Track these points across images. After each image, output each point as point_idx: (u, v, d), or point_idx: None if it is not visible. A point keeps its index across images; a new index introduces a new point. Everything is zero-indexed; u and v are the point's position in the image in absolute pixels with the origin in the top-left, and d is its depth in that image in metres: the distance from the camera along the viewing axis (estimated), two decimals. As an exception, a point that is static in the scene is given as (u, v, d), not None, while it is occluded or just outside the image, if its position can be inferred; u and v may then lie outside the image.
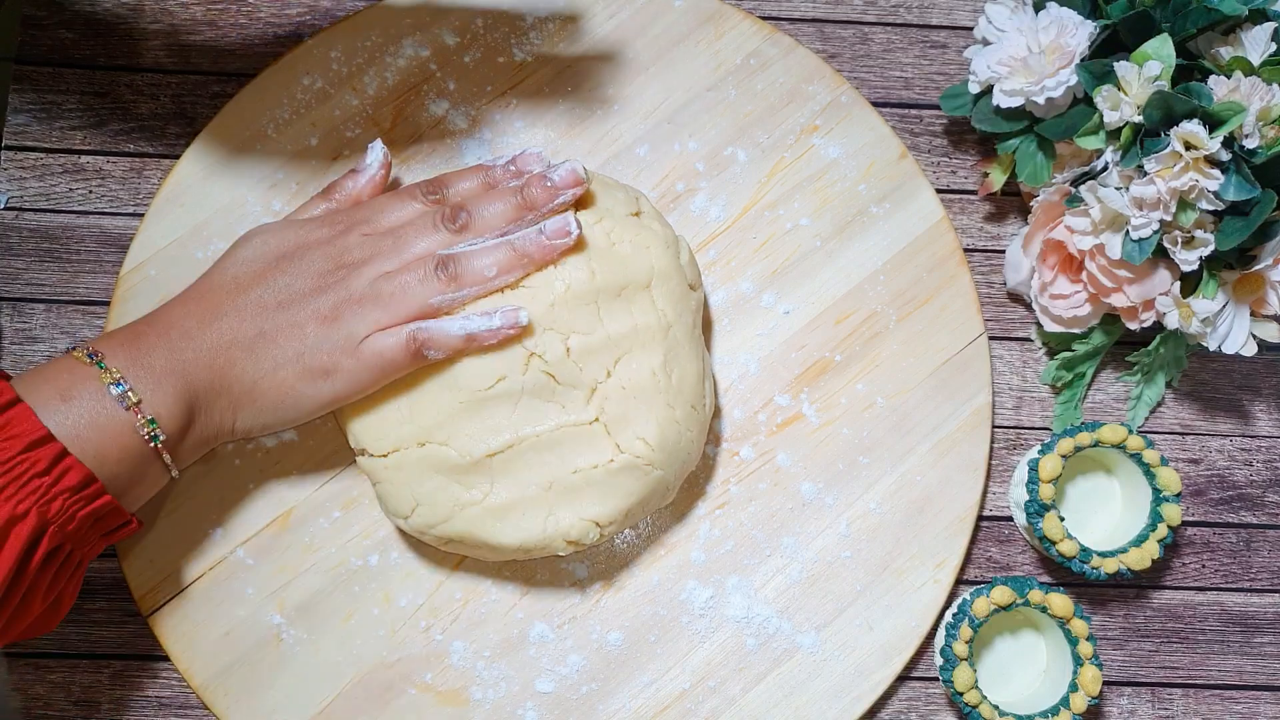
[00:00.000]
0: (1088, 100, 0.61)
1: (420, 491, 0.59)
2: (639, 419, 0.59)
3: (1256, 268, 0.60)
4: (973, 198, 0.69)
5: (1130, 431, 0.62)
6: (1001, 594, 0.60)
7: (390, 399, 0.59)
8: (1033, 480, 0.61)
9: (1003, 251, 0.69)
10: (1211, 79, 0.58)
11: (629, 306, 0.60)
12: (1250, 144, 0.58)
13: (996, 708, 0.60)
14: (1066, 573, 0.66)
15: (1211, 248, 0.59)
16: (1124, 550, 0.62)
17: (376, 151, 0.61)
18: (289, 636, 0.62)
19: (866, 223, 0.67)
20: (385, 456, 0.59)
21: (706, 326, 0.66)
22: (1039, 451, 0.63)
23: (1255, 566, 0.67)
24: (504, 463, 0.59)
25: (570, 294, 0.59)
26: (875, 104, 0.68)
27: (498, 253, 0.58)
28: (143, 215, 0.66)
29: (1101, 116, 0.60)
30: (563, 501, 0.59)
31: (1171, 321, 0.61)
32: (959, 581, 0.65)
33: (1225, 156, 0.57)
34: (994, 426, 0.67)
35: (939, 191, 0.68)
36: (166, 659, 0.63)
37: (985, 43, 0.64)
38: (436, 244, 0.58)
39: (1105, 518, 0.65)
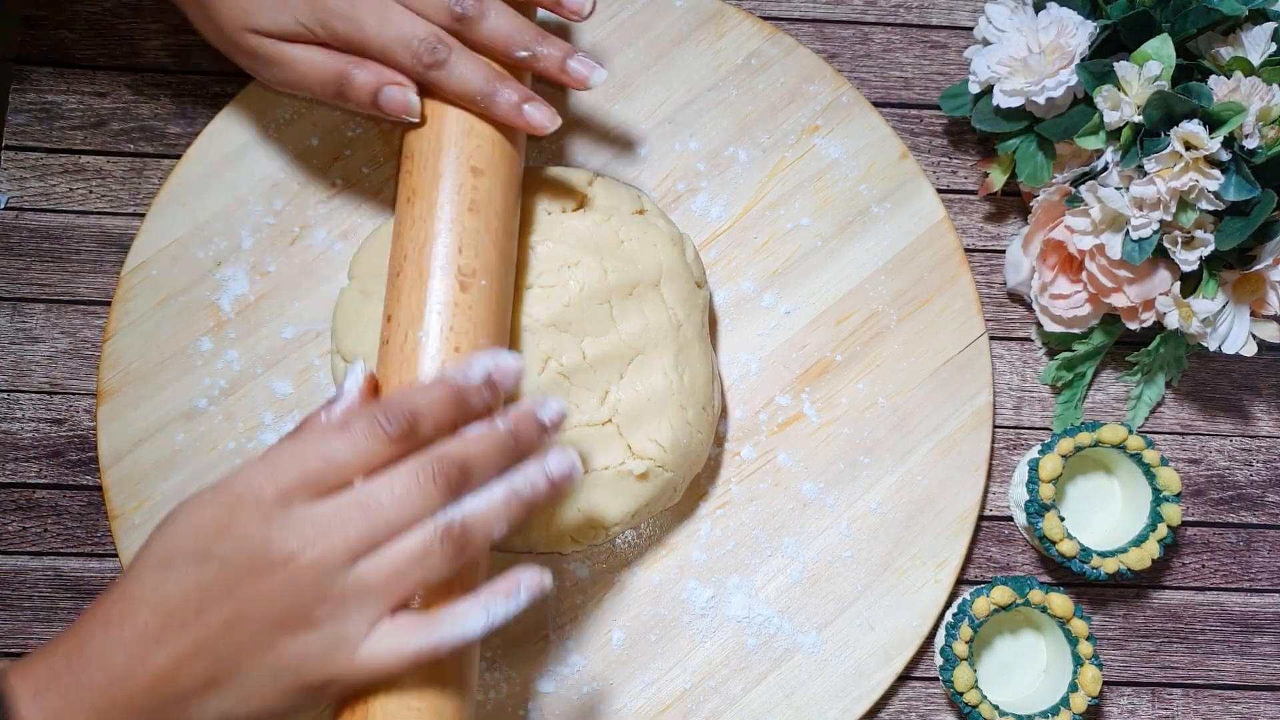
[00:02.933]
0: (1088, 100, 0.61)
1: None
2: (651, 421, 0.59)
3: (1256, 268, 0.60)
4: (973, 198, 0.69)
5: (1130, 431, 0.62)
6: (1001, 594, 0.60)
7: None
8: (1033, 480, 0.62)
9: (1003, 251, 0.69)
10: (1211, 79, 0.58)
11: (640, 306, 0.60)
12: (1250, 144, 0.58)
13: (996, 708, 0.60)
14: (1066, 573, 0.66)
15: (1211, 248, 0.59)
16: (1124, 550, 0.62)
17: (355, 375, 0.50)
18: (289, 636, 0.62)
19: (867, 223, 0.67)
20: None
21: (711, 325, 0.66)
22: (1039, 451, 0.63)
23: (1255, 566, 0.67)
24: None
25: (584, 294, 0.59)
26: (875, 104, 0.68)
27: (506, 506, 0.47)
28: (143, 215, 0.66)
29: (1101, 116, 0.60)
30: (570, 501, 0.59)
31: (1171, 321, 0.61)
32: (959, 581, 0.65)
33: (1225, 156, 0.57)
34: (994, 426, 0.67)
35: (939, 191, 0.68)
36: (167, 659, 0.63)
37: (985, 43, 0.64)
38: (425, 511, 0.46)
39: (1105, 518, 0.65)
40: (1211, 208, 0.58)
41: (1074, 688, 0.60)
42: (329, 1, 0.53)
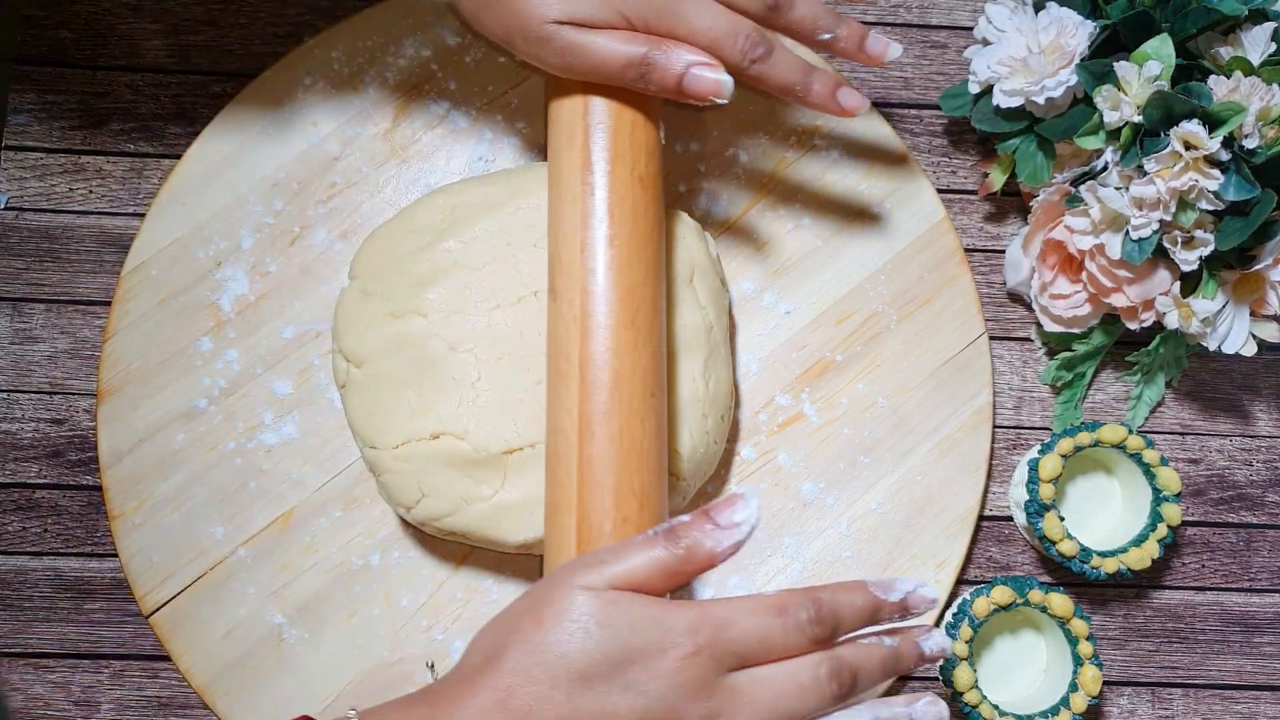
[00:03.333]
0: (1088, 100, 0.61)
1: (428, 483, 0.58)
2: (673, 428, 0.58)
3: (1256, 268, 0.60)
4: (973, 198, 0.69)
5: (1130, 431, 0.62)
6: (1001, 594, 0.60)
7: (401, 392, 0.59)
8: (1033, 480, 0.62)
9: (1003, 251, 0.69)
10: (1211, 79, 0.58)
11: (678, 305, 0.59)
12: (1250, 144, 0.58)
13: (996, 708, 0.60)
14: (1066, 573, 0.66)
15: (1211, 248, 0.59)
16: (1124, 550, 0.62)
17: (751, 509, 0.49)
18: (290, 636, 0.62)
19: (867, 223, 0.67)
20: (395, 449, 0.59)
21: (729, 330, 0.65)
22: (1039, 451, 0.63)
23: (1255, 566, 0.67)
24: (521, 460, 0.58)
25: None
26: (875, 104, 0.68)
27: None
28: (143, 215, 0.66)
29: (1101, 116, 0.60)
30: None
31: (1171, 321, 0.61)
32: (959, 581, 0.65)
33: (1225, 156, 0.57)
34: (994, 426, 0.67)
35: (939, 191, 0.68)
36: (167, 659, 0.63)
37: (985, 43, 0.64)
38: (810, 710, 0.47)
39: (1105, 518, 0.65)
40: (1211, 208, 0.58)
41: (1074, 688, 0.60)
42: None
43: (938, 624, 0.64)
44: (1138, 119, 0.59)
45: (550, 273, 0.56)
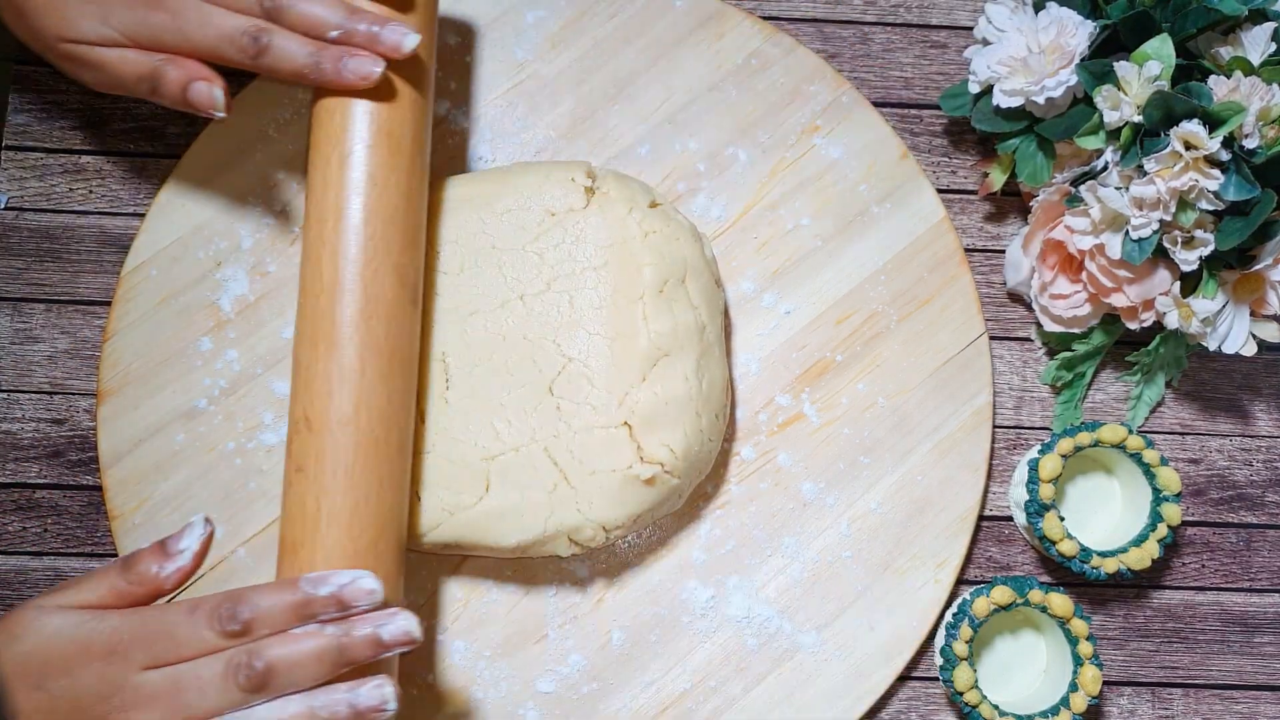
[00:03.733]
0: (1088, 100, 0.61)
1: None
2: (666, 427, 0.58)
3: (1256, 268, 0.60)
4: (973, 198, 0.69)
5: (1130, 431, 0.62)
6: (1001, 594, 0.60)
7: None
8: (1033, 480, 0.62)
9: (1003, 251, 0.69)
10: (1211, 79, 0.58)
11: (670, 304, 0.59)
12: (1250, 144, 0.58)
13: (996, 708, 0.60)
14: (1066, 573, 0.66)
15: (1211, 248, 0.59)
16: (1124, 550, 0.62)
17: (194, 537, 0.51)
18: (289, 636, 0.62)
19: (867, 223, 0.67)
20: None
21: (726, 330, 0.65)
22: (1039, 451, 0.63)
23: (1255, 566, 0.67)
24: (504, 465, 0.58)
25: (618, 295, 0.58)
26: (875, 104, 0.68)
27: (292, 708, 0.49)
28: (143, 215, 0.66)
29: (1101, 116, 0.60)
30: (569, 503, 0.58)
31: (1171, 321, 0.61)
32: (959, 581, 0.65)
33: (1225, 156, 0.57)
34: (994, 426, 0.67)
35: (939, 191, 0.68)
36: (167, 659, 0.63)
37: (985, 43, 0.64)
38: (222, 705, 0.48)
39: (1105, 518, 0.65)
40: (1211, 207, 0.58)
41: (1074, 688, 0.60)
42: (149, 14, 0.56)
43: (938, 623, 0.64)
44: (1138, 119, 0.59)
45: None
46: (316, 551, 0.52)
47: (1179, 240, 0.59)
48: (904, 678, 0.64)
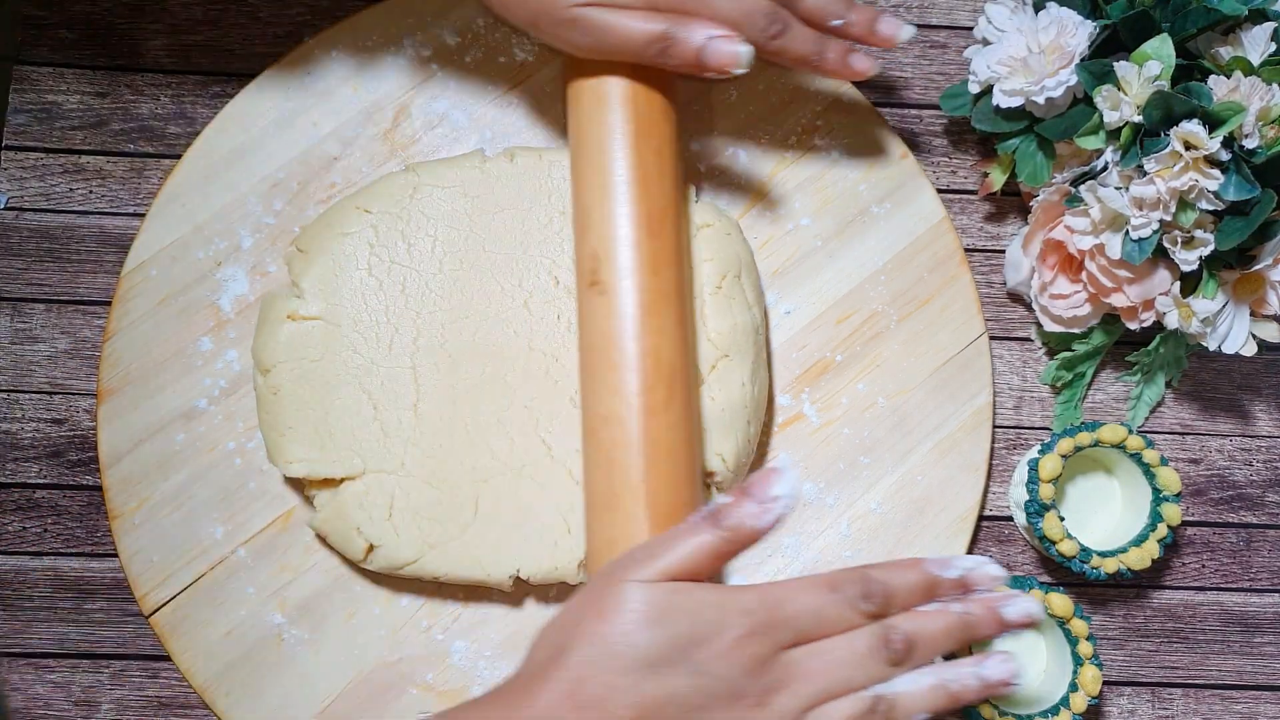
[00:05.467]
0: (1088, 100, 0.61)
1: (372, 531, 0.57)
2: (720, 434, 0.57)
3: (1256, 268, 0.60)
4: (973, 198, 0.69)
5: (1130, 431, 0.62)
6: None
7: (304, 413, 0.58)
8: (1033, 480, 0.62)
9: (1003, 251, 0.69)
10: (1211, 79, 0.58)
11: (729, 303, 0.59)
12: (1250, 144, 0.58)
13: (997, 707, 0.60)
14: (1066, 573, 0.66)
15: (1211, 248, 0.59)
16: (1124, 550, 0.62)
17: (789, 482, 0.50)
18: (290, 636, 0.62)
19: (867, 223, 0.67)
20: (318, 493, 0.58)
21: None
22: (1039, 451, 0.63)
23: (1255, 566, 0.67)
24: (498, 488, 0.57)
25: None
26: (875, 104, 0.68)
27: (932, 695, 0.50)
28: (143, 215, 0.66)
29: (1101, 116, 0.60)
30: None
31: (1171, 321, 0.61)
32: (959, 581, 0.65)
33: (1225, 156, 0.57)
34: (994, 426, 0.67)
35: (939, 191, 0.68)
36: (167, 659, 0.63)
37: (985, 43, 0.64)
38: (868, 679, 0.49)
39: (1105, 518, 0.65)
40: (1211, 207, 0.58)
41: (1074, 688, 0.60)
42: None
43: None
44: (1138, 119, 0.59)
45: (584, 260, 0.56)
46: (679, 489, 0.54)
47: (1179, 240, 0.59)
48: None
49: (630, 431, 0.54)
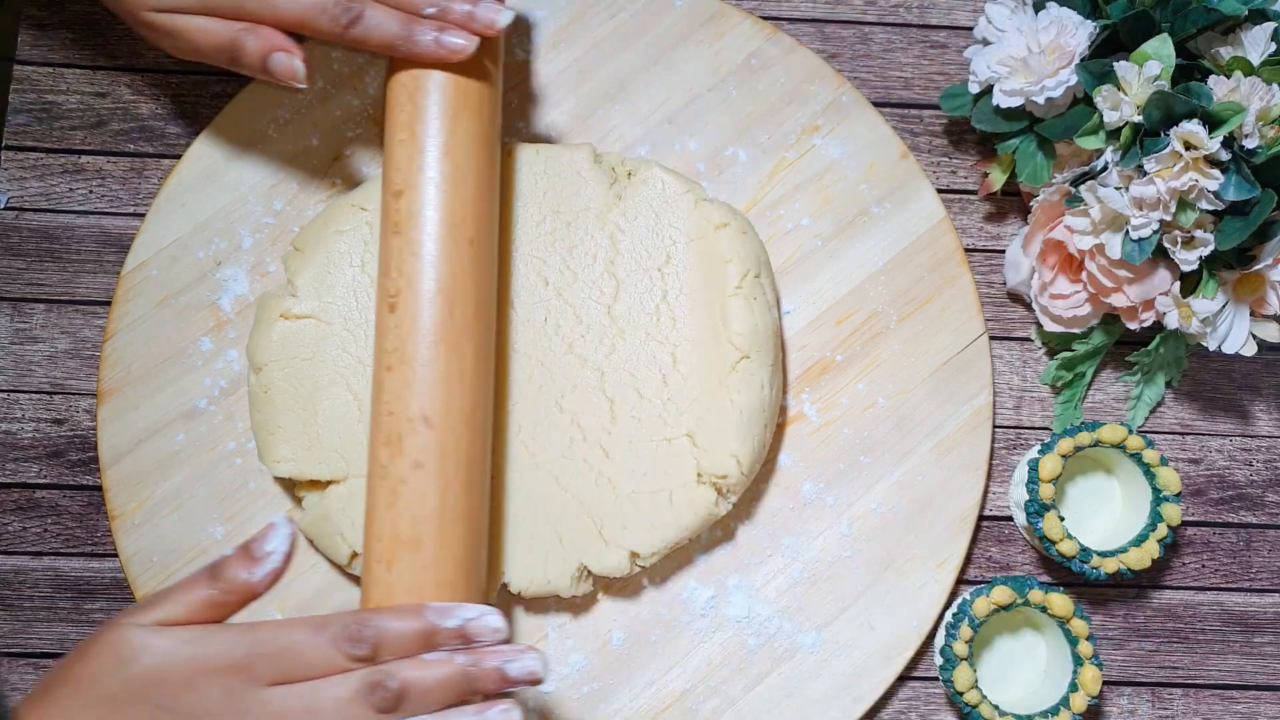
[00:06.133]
0: (1088, 100, 0.61)
1: (359, 537, 0.57)
2: (735, 436, 0.57)
3: (1256, 268, 0.60)
4: (973, 198, 0.69)
5: (1130, 431, 0.62)
6: (1001, 594, 0.60)
7: (287, 415, 0.59)
8: (1033, 480, 0.62)
9: (1003, 251, 0.69)
10: (1211, 79, 0.58)
11: (750, 303, 0.58)
12: (1250, 144, 0.58)
13: (996, 708, 0.60)
14: (1066, 573, 0.66)
15: (1211, 248, 0.59)
16: (1124, 550, 0.62)
17: (280, 537, 0.49)
18: (289, 636, 0.62)
19: (867, 223, 0.67)
20: (305, 495, 0.58)
21: None
22: (1039, 451, 0.63)
23: (1255, 566, 0.67)
24: (509, 488, 0.58)
25: (687, 294, 0.57)
26: (875, 104, 0.68)
27: None
28: (143, 215, 0.66)
29: (1101, 116, 0.60)
30: (589, 533, 0.56)
31: (1171, 321, 0.61)
32: (959, 581, 0.65)
33: (1225, 156, 0.57)
34: (994, 426, 0.67)
35: (939, 191, 0.68)
36: (167, 659, 0.63)
37: (985, 43, 0.64)
38: None
39: (1105, 518, 0.65)
40: (1211, 207, 0.58)
41: (1074, 688, 0.60)
42: None
43: (938, 623, 0.64)
44: (1138, 119, 0.59)
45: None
46: (442, 546, 0.52)
47: (1179, 240, 0.59)
48: (904, 678, 0.64)
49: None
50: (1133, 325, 0.63)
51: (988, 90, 0.64)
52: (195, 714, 0.47)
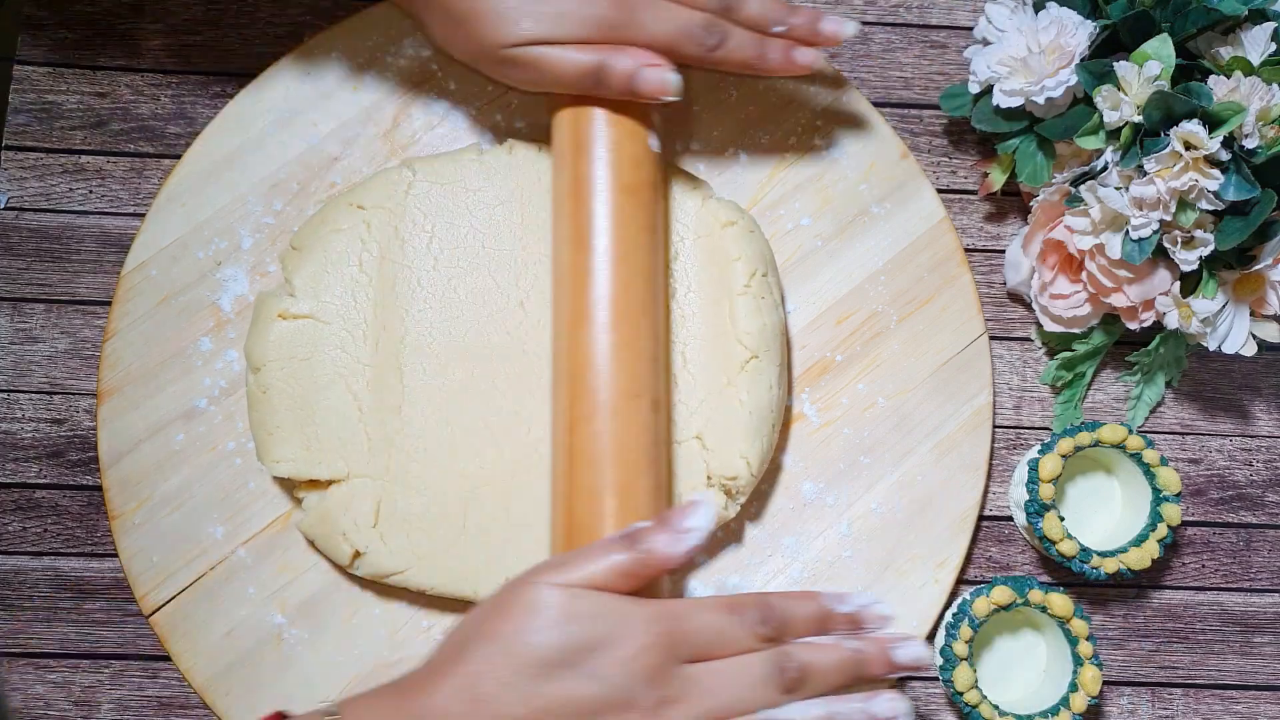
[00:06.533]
0: (1088, 100, 0.61)
1: (358, 538, 0.57)
2: (744, 437, 0.57)
3: (1256, 268, 0.60)
4: (973, 198, 0.69)
5: (1130, 431, 0.62)
6: (1001, 594, 0.60)
7: (286, 415, 0.58)
8: (1033, 480, 0.62)
9: (1003, 251, 0.69)
10: (1211, 79, 0.58)
11: (758, 302, 0.58)
12: (1250, 144, 0.58)
13: (996, 708, 0.60)
14: (1066, 573, 0.66)
15: (1211, 248, 0.59)
16: (1124, 550, 0.62)
17: (704, 515, 0.51)
18: (290, 636, 0.62)
19: (867, 223, 0.67)
20: (306, 494, 0.58)
21: None
22: (1039, 451, 0.63)
23: (1255, 566, 0.67)
24: (492, 494, 0.57)
25: (696, 292, 0.57)
26: (875, 104, 0.68)
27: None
28: (143, 215, 0.66)
29: (1101, 116, 0.60)
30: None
31: (1171, 321, 0.61)
32: (959, 581, 0.65)
33: (1225, 156, 0.57)
34: (994, 426, 0.67)
35: (939, 191, 0.68)
36: (167, 659, 0.63)
37: (985, 43, 0.64)
38: (760, 703, 0.50)
39: (1105, 518, 0.65)
40: (1211, 208, 0.58)
41: (1074, 688, 0.60)
42: (607, 11, 0.57)
43: (938, 624, 0.64)
44: (1138, 119, 0.59)
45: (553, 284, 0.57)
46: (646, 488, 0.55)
47: (1179, 240, 0.59)
48: (904, 678, 0.64)
49: (561, 444, 0.55)
50: (1133, 325, 0.63)
51: (988, 90, 0.64)
52: (626, 686, 0.48)
